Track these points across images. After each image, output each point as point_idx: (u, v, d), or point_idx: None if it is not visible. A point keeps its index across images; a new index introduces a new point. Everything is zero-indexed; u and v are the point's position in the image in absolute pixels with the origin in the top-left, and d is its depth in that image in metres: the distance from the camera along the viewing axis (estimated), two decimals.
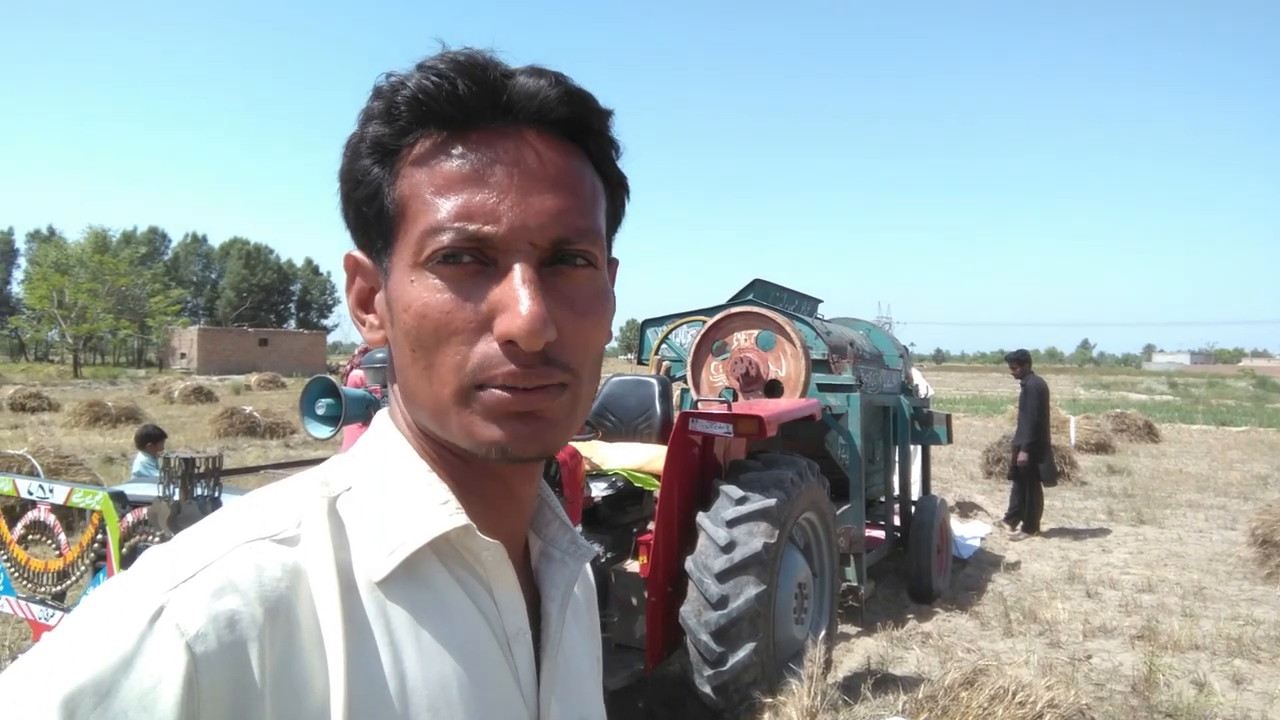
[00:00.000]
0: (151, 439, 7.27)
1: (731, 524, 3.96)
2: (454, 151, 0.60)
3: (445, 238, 0.59)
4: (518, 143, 0.61)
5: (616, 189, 0.69)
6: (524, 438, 0.60)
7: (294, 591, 0.56)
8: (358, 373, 7.72)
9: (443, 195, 0.59)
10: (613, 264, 0.71)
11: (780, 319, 5.63)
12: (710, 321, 5.85)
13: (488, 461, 0.62)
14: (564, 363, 0.61)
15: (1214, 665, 5.28)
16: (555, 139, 0.63)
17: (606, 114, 0.66)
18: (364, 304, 0.68)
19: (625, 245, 0.73)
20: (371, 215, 0.63)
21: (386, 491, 0.64)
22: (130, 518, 2.96)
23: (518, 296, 0.58)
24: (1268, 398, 41.20)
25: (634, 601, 4.22)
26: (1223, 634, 5.80)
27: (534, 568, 0.73)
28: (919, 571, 6.50)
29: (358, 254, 0.67)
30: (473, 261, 0.59)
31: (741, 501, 4.04)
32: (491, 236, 0.59)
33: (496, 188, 0.59)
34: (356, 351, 9.18)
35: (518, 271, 0.59)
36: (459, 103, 0.60)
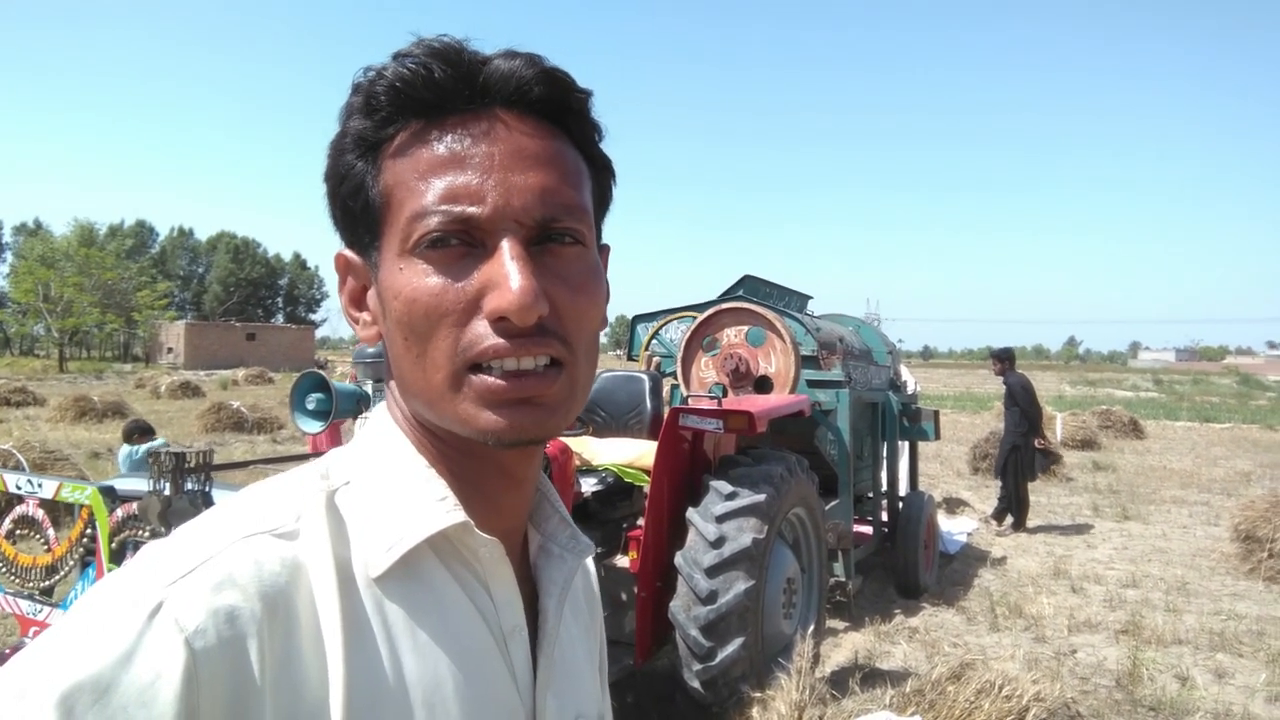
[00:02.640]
0: (139, 434, 7.24)
1: (721, 519, 3.97)
2: (434, 137, 0.61)
3: (431, 221, 0.59)
4: (497, 124, 0.61)
5: (602, 172, 0.69)
6: (520, 425, 0.60)
7: (293, 586, 0.56)
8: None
9: (426, 180, 0.60)
10: (604, 250, 0.71)
11: (770, 315, 5.64)
12: (700, 317, 5.86)
13: (485, 447, 0.62)
14: (560, 335, 0.60)
15: (1197, 659, 5.33)
16: (535, 120, 0.63)
17: (585, 94, 0.65)
18: (356, 302, 0.68)
19: (614, 240, 0.74)
20: (358, 209, 0.63)
21: (385, 487, 0.64)
22: (120, 512, 2.94)
23: (507, 272, 0.57)
24: (1251, 395, 41.56)
25: (623, 596, 4.23)
26: (1205, 628, 5.85)
27: (532, 563, 0.73)
28: (906, 567, 6.53)
29: (348, 253, 0.67)
30: (460, 244, 0.59)
31: (731, 497, 4.05)
32: (477, 217, 0.59)
33: (479, 169, 0.59)
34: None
35: (505, 248, 0.59)
36: (436, 87, 0.60)
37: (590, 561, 0.86)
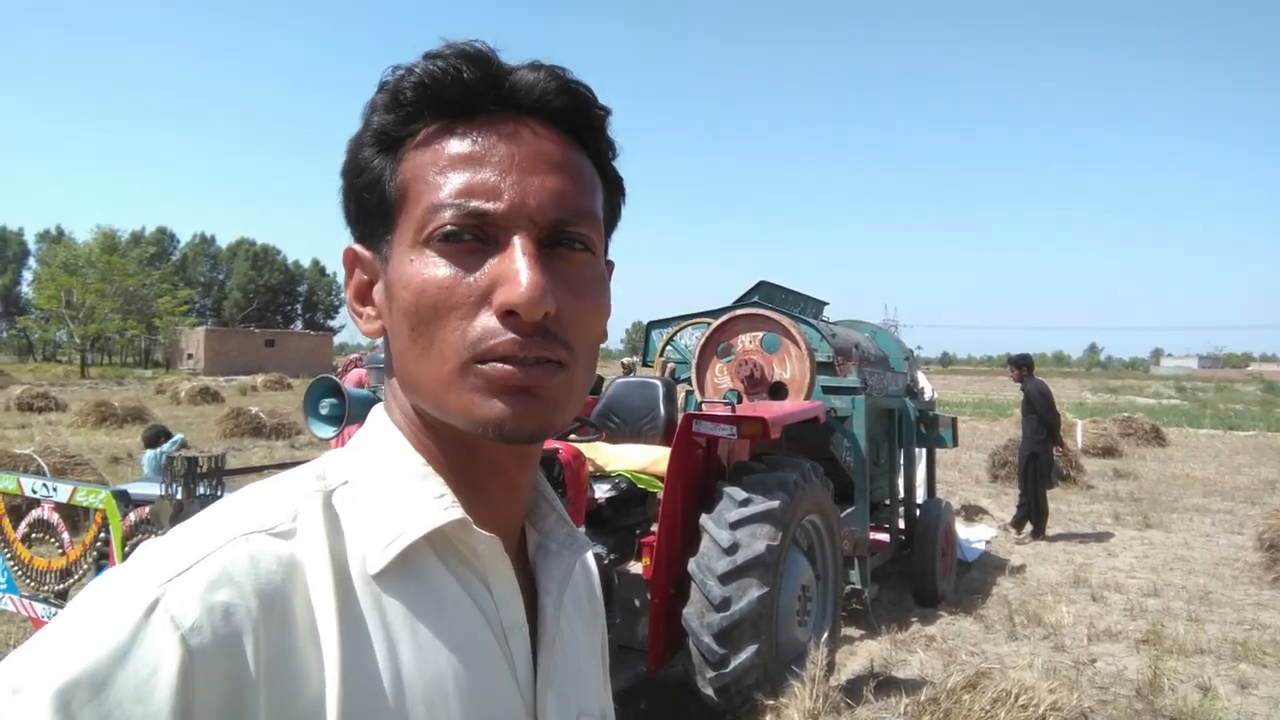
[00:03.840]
0: (163, 437, 7.33)
1: (735, 526, 3.96)
2: (456, 134, 0.62)
3: (446, 214, 0.60)
4: (519, 128, 0.63)
5: (613, 189, 0.70)
6: (521, 415, 0.60)
7: (289, 584, 0.56)
8: (358, 371, 7.74)
9: (444, 175, 0.61)
10: (609, 265, 0.72)
11: (785, 321, 5.62)
12: (715, 323, 5.85)
13: (485, 443, 0.62)
14: (563, 339, 0.61)
15: (1219, 670, 5.25)
16: (554, 129, 0.64)
17: (605, 111, 0.67)
18: (362, 297, 0.69)
19: (632, 246, 0.74)
20: (373, 203, 0.64)
21: (382, 485, 0.64)
22: (133, 516, 2.97)
23: (517, 268, 0.58)
24: (1276, 402, 41.05)
25: (637, 603, 4.22)
26: (1228, 638, 5.77)
27: (531, 561, 0.73)
28: (923, 575, 6.48)
29: (357, 247, 0.68)
30: (473, 239, 0.60)
31: (745, 503, 4.04)
32: (492, 213, 0.60)
33: (498, 167, 0.61)
34: (351, 357, 9.16)
35: (518, 244, 0.60)
36: (463, 87, 0.62)
37: (591, 559, 0.86)
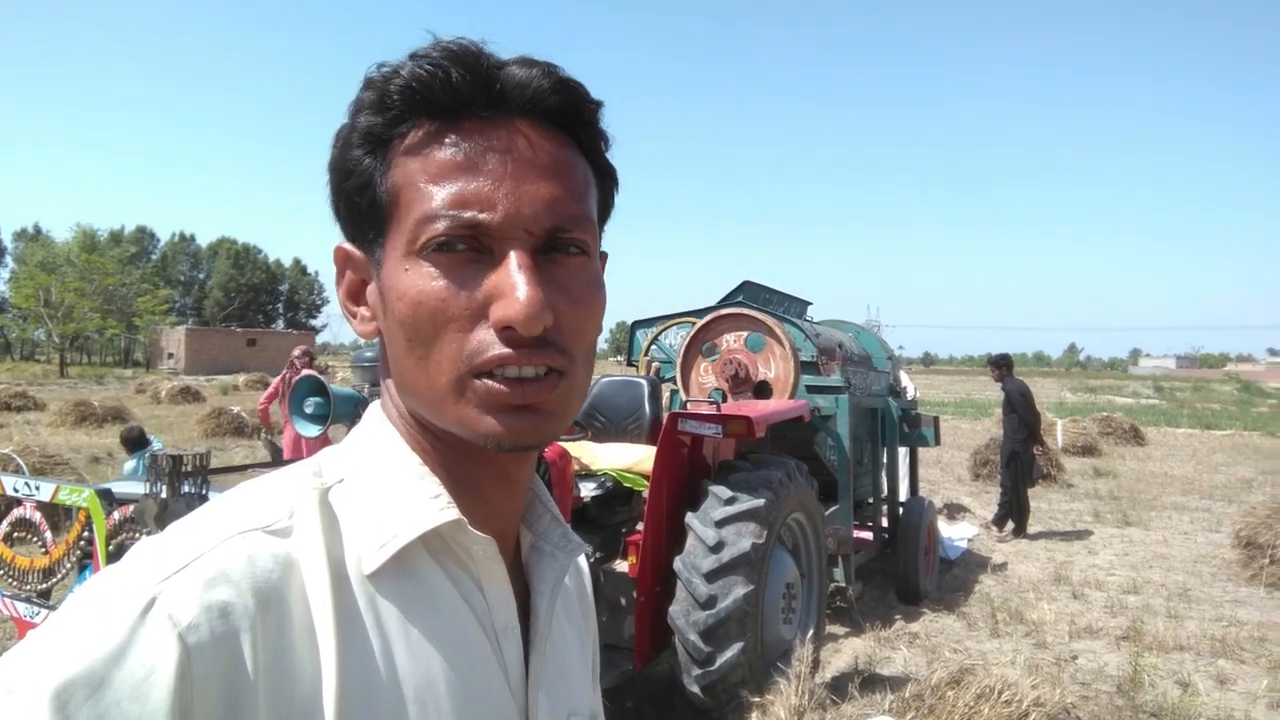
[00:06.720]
0: (136, 442, 7.26)
1: (720, 524, 3.97)
2: (447, 140, 0.60)
3: (440, 225, 0.59)
4: (511, 131, 0.61)
5: (605, 179, 0.69)
6: (521, 430, 0.60)
7: (286, 582, 0.56)
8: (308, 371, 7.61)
9: (437, 183, 0.59)
10: (602, 257, 0.71)
11: (769, 321, 5.64)
12: (700, 323, 5.86)
13: (482, 448, 0.62)
14: (561, 346, 0.61)
15: (1198, 665, 5.32)
16: (547, 128, 0.63)
17: (597, 105, 0.66)
18: (354, 296, 0.68)
19: (614, 245, 0.74)
20: (364, 205, 0.63)
21: (378, 484, 0.64)
22: (117, 515, 2.94)
23: (514, 282, 0.58)
24: (1252, 402, 41.54)
25: (622, 601, 4.23)
26: (1207, 635, 5.84)
27: (524, 561, 0.73)
28: (907, 572, 6.52)
29: (348, 246, 0.67)
30: (467, 250, 0.59)
31: (730, 502, 4.05)
32: (487, 224, 0.59)
33: (491, 175, 0.59)
34: (298, 352, 8.94)
35: (514, 258, 0.59)
36: (452, 91, 0.60)
37: (583, 561, 0.86)
